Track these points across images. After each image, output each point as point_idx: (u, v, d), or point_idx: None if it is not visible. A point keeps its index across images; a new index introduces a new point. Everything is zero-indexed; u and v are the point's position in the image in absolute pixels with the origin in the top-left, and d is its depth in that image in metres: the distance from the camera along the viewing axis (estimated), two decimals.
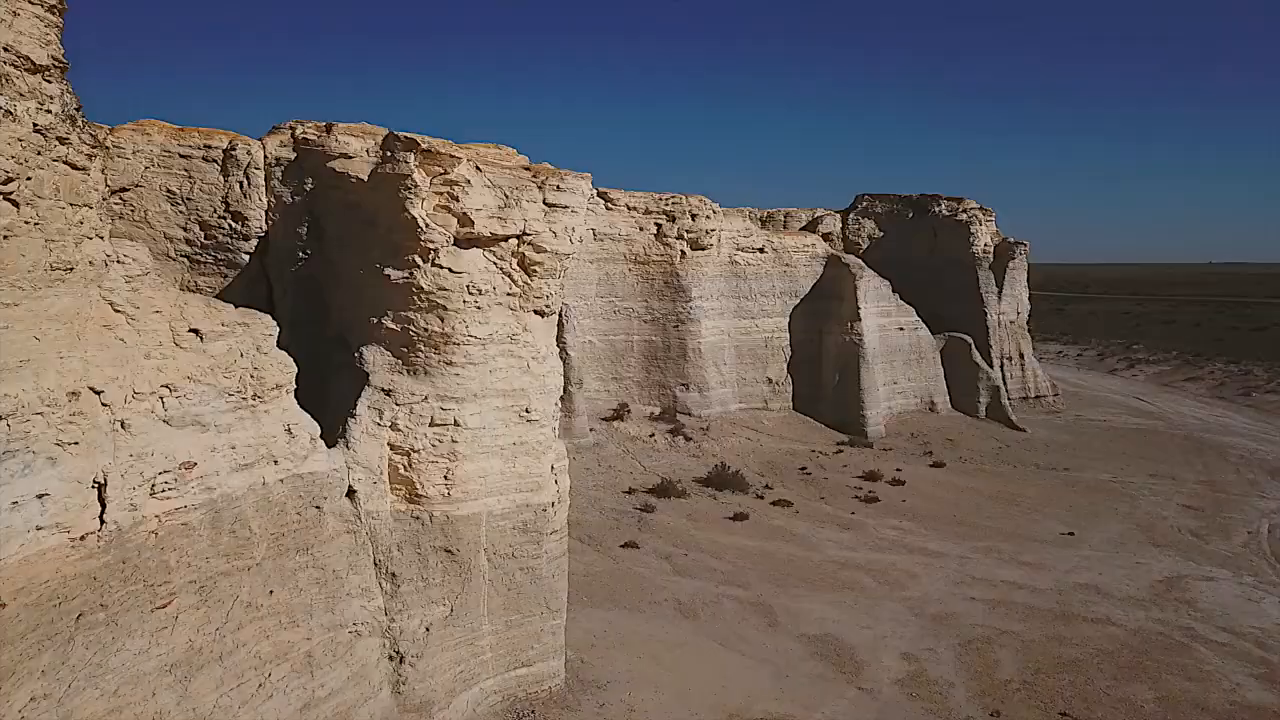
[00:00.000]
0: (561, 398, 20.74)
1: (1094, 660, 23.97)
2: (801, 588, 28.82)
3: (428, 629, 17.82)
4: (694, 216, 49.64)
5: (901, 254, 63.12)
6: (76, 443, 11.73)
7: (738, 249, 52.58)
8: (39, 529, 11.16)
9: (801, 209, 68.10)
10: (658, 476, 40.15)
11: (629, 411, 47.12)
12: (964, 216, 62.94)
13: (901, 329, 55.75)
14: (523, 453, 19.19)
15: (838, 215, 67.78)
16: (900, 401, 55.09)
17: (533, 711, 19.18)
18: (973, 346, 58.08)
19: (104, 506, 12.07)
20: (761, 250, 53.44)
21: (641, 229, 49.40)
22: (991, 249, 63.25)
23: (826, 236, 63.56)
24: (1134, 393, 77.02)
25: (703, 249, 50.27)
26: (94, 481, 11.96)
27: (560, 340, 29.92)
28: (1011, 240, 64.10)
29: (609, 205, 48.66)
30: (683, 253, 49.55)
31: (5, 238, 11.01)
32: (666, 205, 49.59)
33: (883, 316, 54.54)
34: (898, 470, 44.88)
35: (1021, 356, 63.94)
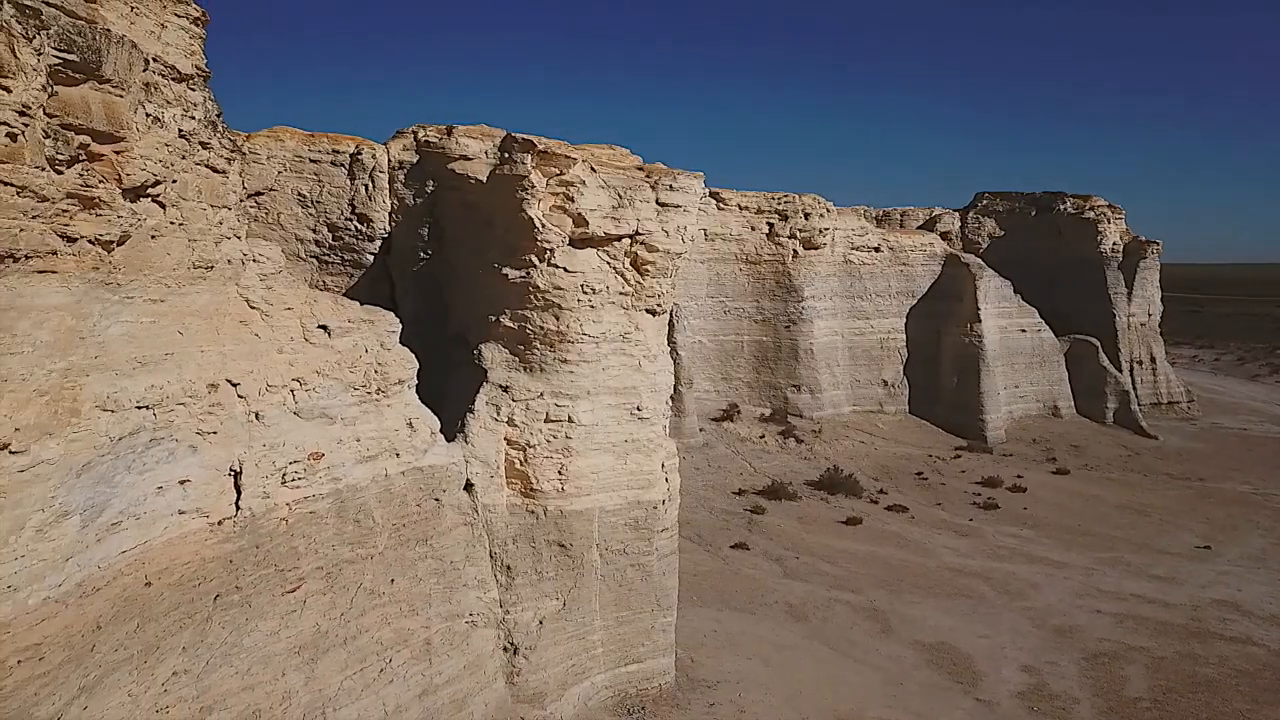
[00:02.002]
0: (671, 397, 20.80)
1: (1232, 681, 22.67)
2: (916, 594, 28.16)
3: (541, 622, 18.11)
4: (807, 215, 49.05)
5: (1023, 253, 60.97)
6: (215, 432, 12.37)
7: (852, 248, 51.72)
8: (181, 513, 11.80)
9: (918, 208, 66.55)
10: (768, 478, 39.82)
11: (739, 412, 46.87)
12: (1091, 214, 60.39)
13: (1023, 330, 53.88)
14: (634, 450, 19.32)
15: (956, 214, 65.98)
16: (1021, 406, 53.25)
17: (643, 708, 19.27)
18: (1099, 349, 55.69)
19: (239, 493, 12.69)
20: (877, 249, 52.43)
21: (753, 228, 49.09)
22: (1121, 248, 60.48)
23: (945, 235, 61.93)
24: (1277, 400, 72.49)
25: (816, 248, 49.63)
26: (230, 469, 12.59)
27: (670, 340, 30.02)
28: (1143, 239, 61.20)
29: (720, 205, 48.54)
30: (795, 252, 49.02)
31: (153, 237, 11.69)
32: (779, 204, 49.14)
33: (1003, 317, 52.81)
34: (1018, 477, 43.39)
35: (1153, 360, 60.92)
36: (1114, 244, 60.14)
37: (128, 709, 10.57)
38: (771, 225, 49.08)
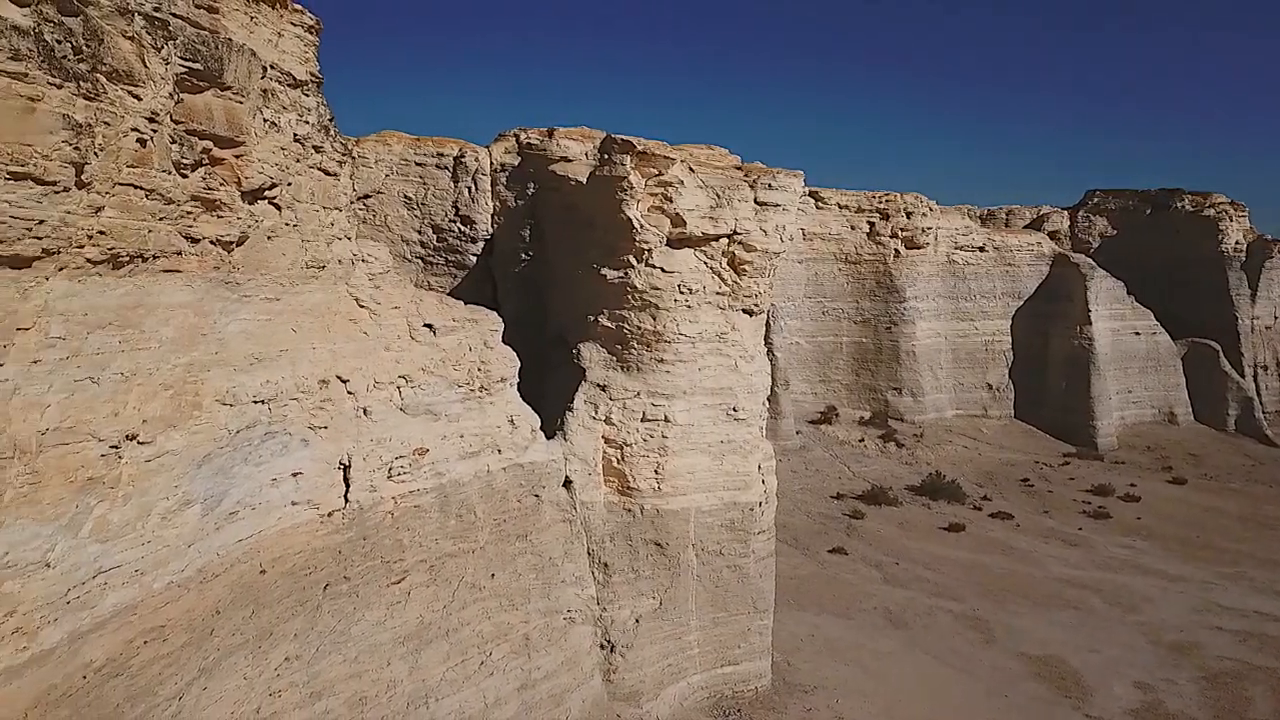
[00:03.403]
0: (768, 399, 20.65)
1: None
2: (1021, 604, 27.28)
3: (637, 620, 18.17)
4: (909, 214, 48.10)
5: (1138, 253, 58.50)
6: (326, 427, 12.78)
7: (956, 248, 50.50)
8: (293, 504, 12.23)
9: (1025, 206, 64.65)
10: (867, 482, 39.17)
11: (837, 415, 46.21)
12: (1211, 212, 57.52)
13: (1137, 333, 51.69)
14: (730, 451, 19.23)
15: (1065, 213, 63.80)
16: (1134, 411, 51.07)
17: (739, 710, 19.15)
18: (1220, 354, 53.00)
19: (348, 486, 13.09)
20: (982, 249, 51.06)
21: (853, 228, 48.38)
22: (1244, 247, 57.40)
23: (1053, 235, 59.91)
24: None
25: (918, 248, 48.63)
26: (340, 463, 12.99)
27: (767, 341, 29.79)
28: (1269, 237, 58.04)
29: (819, 204, 47.96)
30: (896, 252, 48.10)
31: (269, 238, 12.14)
32: (879, 203, 48.31)
33: (1116, 319, 50.77)
34: (1131, 485, 41.64)
35: (1279, 365, 57.71)
36: (1236, 243, 57.14)
37: (243, 691, 11.00)
38: (872, 224, 48.29)
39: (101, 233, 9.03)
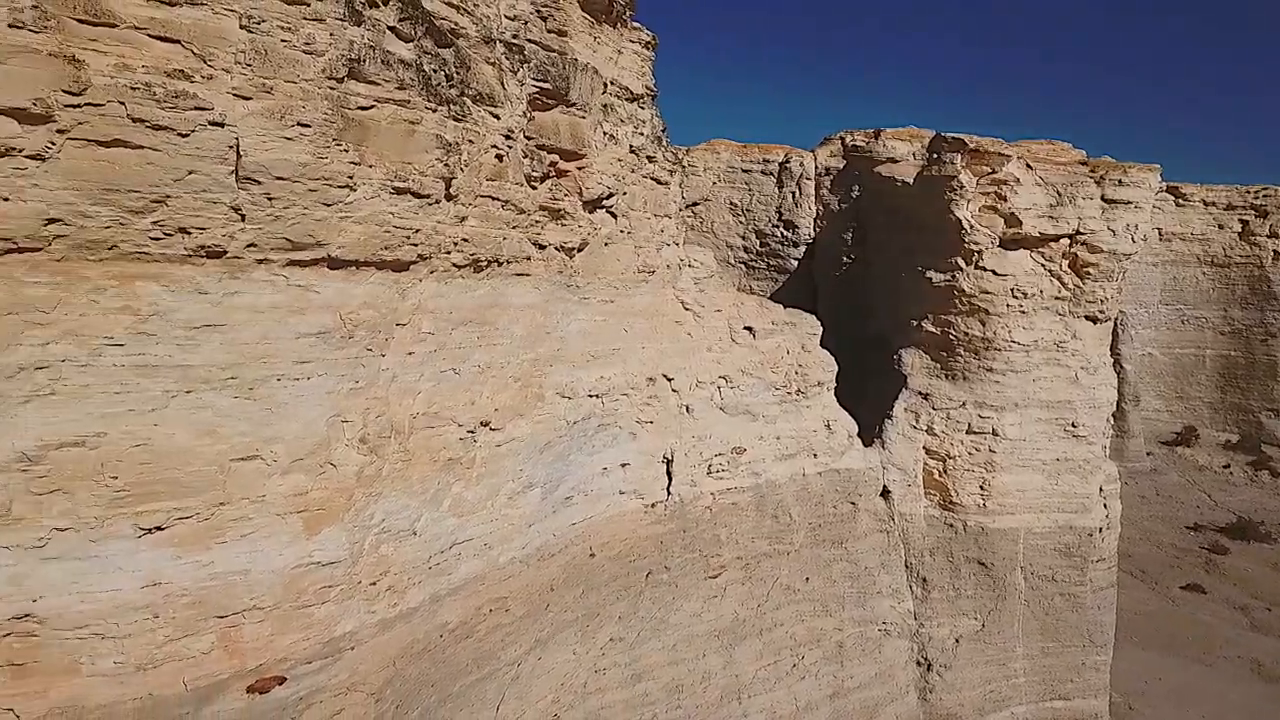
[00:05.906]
0: (1113, 415, 18.93)
1: None
2: None
3: (957, 640, 17.38)
4: None
5: None
6: (651, 422, 13.44)
7: None
8: (620, 493, 12.98)
9: None
10: (1232, 514, 34.67)
11: (1197, 436, 41.30)
12: None
13: None
14: (1067, 470, 17.85)
15: None
16: None
17: None
18: None
19: (670, 480, 13.68)
20: None
21: (1221, 227, 42.99)
22: None
23: None
24: None
25: None
26: (663, 457, 13.61)
27: (1114, 351, 27.31)
28: None
29: (1179, 201, 43.10)
30: (1275, 253, 42.12)
31: (605, 245, 12.95)
32: (1254, 199, 42.54)
33: None
34: None
35: None
36: None
37: (571, 666, 11.82)
38: (1245, 223, 42.65)
39: (465, 240, 10.08)
